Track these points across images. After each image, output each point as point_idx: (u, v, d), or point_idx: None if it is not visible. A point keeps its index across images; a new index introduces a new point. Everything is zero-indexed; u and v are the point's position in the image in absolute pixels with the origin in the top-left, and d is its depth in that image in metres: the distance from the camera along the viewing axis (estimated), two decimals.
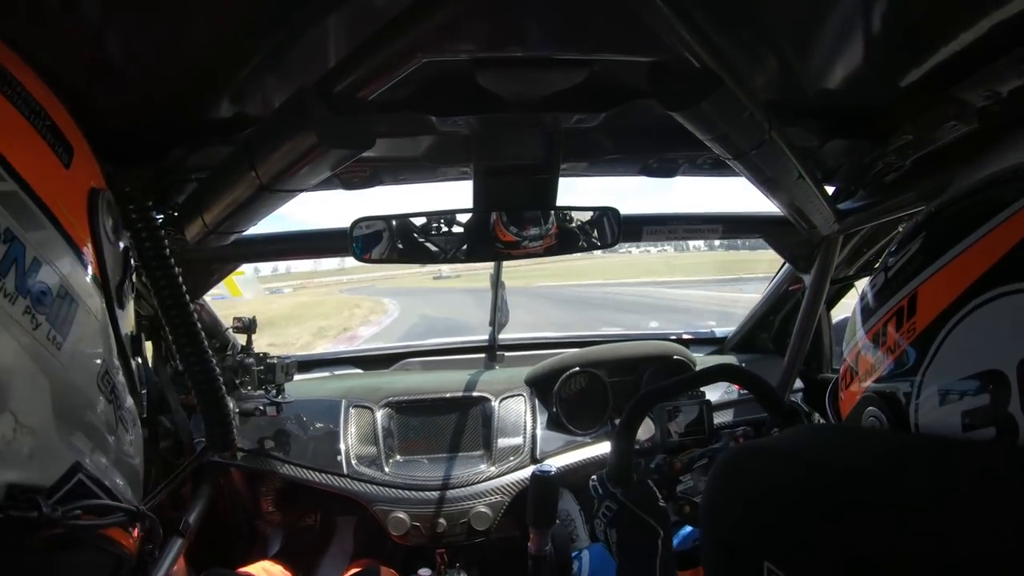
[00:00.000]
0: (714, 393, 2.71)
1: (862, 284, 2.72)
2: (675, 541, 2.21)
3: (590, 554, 2.09)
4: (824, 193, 1.89)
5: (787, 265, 2.81)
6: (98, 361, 0.76)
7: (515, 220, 1.94)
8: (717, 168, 2.05)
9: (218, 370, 1.10)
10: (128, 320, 0.88)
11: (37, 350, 0.65)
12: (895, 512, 0.60)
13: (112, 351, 0.81)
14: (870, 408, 0.88)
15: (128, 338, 0.87)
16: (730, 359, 3.18)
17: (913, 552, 0.57)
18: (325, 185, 1.92)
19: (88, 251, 0.77)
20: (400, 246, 1.95)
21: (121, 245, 0.89)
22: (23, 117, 0.73)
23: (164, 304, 1.06)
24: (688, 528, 1.91)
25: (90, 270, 0.77)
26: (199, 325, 1.07)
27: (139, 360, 0.92)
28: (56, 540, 0.71)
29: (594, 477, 1.52)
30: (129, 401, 0.85)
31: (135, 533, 0.89)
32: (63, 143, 0.79)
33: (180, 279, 1.08)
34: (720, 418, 2.74)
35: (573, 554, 2.05)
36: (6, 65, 0.74)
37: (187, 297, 1.08)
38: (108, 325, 0.80)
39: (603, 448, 2.56)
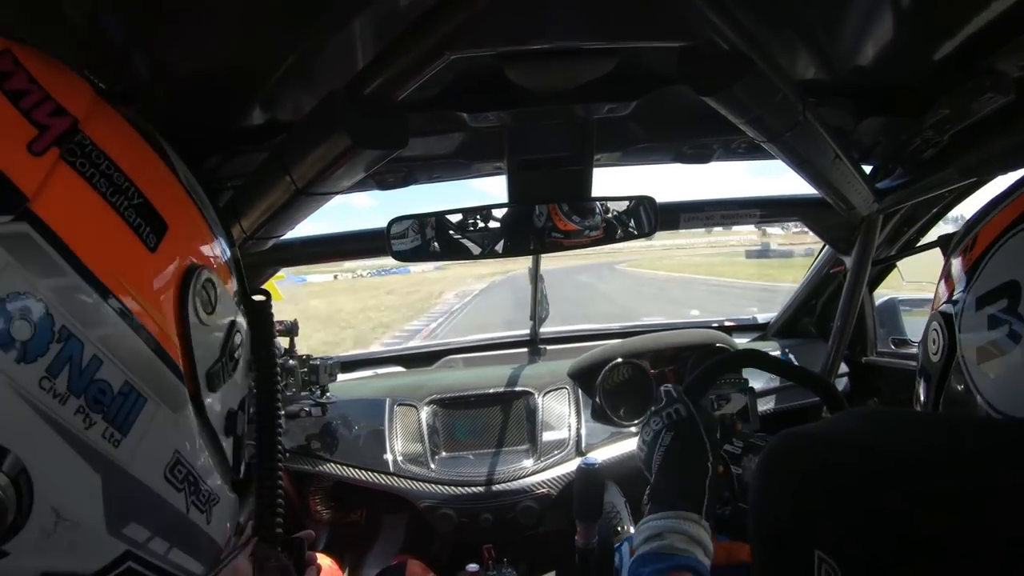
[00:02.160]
0: (757, 381, 2.68)
1: (904, 265, 2.69)
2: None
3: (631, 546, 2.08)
4: (862, 172, 1.86)
5: (827, 247, 2.78)
6: (168, 452, 0.72)
7: (576, 209, 1.94)
8: (752, 152, 2.02)
9: (281, 466, 1.05)
10: (224, 399, 0.82)
11: (88, 449, 0.61)
12: (949, 498, 0.59)
13: (191, 438, 0.76)
14: (933, 325, 1.06)
15: (221, 418, 0.82)
16: (772, 345, 3.15)
17: (969, 538, 0.56)
18: (360, 186, 1.93)
19: (169, 341, 0.71)
20: (437, 244, 1.95)
21: (222, 323, 0.82)
22: (99, 196, 0.66)
23: (259, 392, 1.00)
24: None
25: (169, 362, 0.71)
26: (282, 425, 1.03)
27: (236, 435, 0.88)
28: None
29: (668, 385, 1.49)
30: (213, 480, 0.80)
31: None
32: (153, 221, 0.71)
33: (278, 377, 1.04)
34: (763, 406, 2.71)
35: (615, 546, 2.04)
36: (92, 134, 0.68)
37: (279, 396, 1.04)
38: (189, 413, 0.75)
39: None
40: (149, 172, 0.75)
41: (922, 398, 1.13)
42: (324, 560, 2.24)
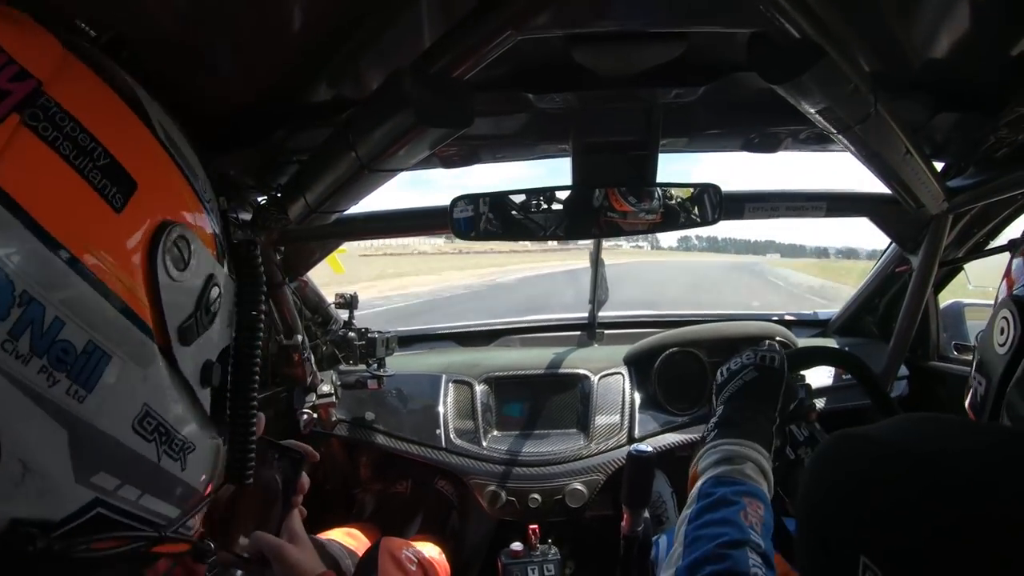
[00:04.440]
0: (814, 379, 2.64)
1: (971, 268, 2.62)
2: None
3: (667, 540, 2.08)
4: (933, 169, 1.81)
5: (893, 246, 2.72)
6: (137, 405, 0.72)
7: (633, 191, 1.93)
8: (821, 143, 1.99)
9: (254, 411, 1.04)
10: (199, 352, 0.82)
11: (52, 406, 0.62)
12: (1003, 513, 0.58)
13: (162, 391, 0.75)
14: (1002, 313, 1.04)
15: (196, 369, 0.81)
16: (832, 343, 3.09)
17: (1019, 563, 0.55)
18: (424, 164, 1.95)
19: (135, 299, 0.70)
20: (499, 223, 1.96)
21: (196, 279, 0.80)
22: (61, 159, 0.65)
23: (236, 344, 0.96)
24: None
25: (136, 318, 0.70)
26: (257, 375, 1.02)
27: (213, 385, 0.86)
28: (62, 572, 0.69)
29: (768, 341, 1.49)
30: (188, 429, 0.81)
31: (168, 549, 0.85)
32: (120, 180, 0.70)
33: (261, 324, 1.02)
34: (819, 405, 2.67)
35: (654, 538, 2.04)
36: (57, 94, 0.66)
37: (258, 347, 1.02)
38: (159, 367, 0.75)
39: (699, 432, 2.49)
40: (119, 130, 0.74)
41: (980, 394, 1.10)
42: (358, 532, 2.28)
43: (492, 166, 2.19)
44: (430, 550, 2.21)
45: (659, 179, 1.91)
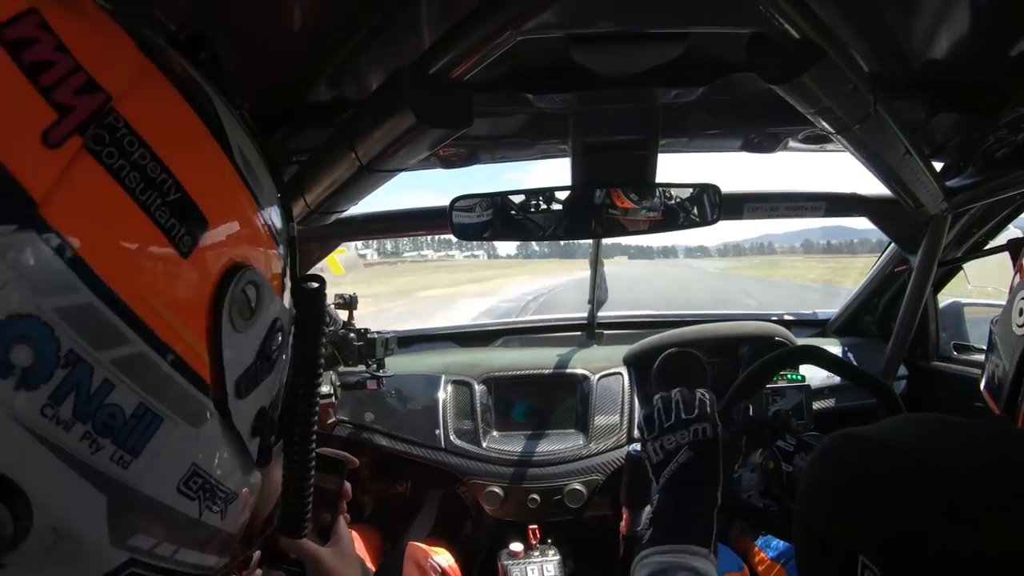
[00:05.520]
0: (815, 378, 2.64)
1: (970, 267, 2.62)
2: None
3: None
4: (932, 169, 1.81)
5: (892, 245, 2.72)
6: (185, 467, 0.64)
7: (635, 189, 1.93)
8: (820, 143, 1.99)
9: (313, 467, 0.94)
10: (254, 401, 0.73)
11: (93, 473, 0.54)
12: (1005, 515, 0.57)
13: (212, 448, 0.68)
14: (1021, 293, 1.06)
15: (249, 420, 0.73)
16: (831, 343, 3.09)
17: (1015, 564, 0.55)
18: (424, 164, 1.95)
19: (195, 356, 0.62)
20: (499, 223, 1.97)
21: (261, 327, 0.71)
22: (127, 193, 0.55)
23: (294, 390, 0.86)
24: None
25: (193, 378, 0.62)
26: (316, 421, 0.93)
27: (263, 435, 0.78)
28: None
29: (704, 393, 1.45)
30: (232, 481, 0.73)
31: None
32: (190, 219, 0.60)
33: (322, 366, 0.92)
34: (821, 404, 2.68)
35: None
36: (127, 112, 0.55)
37: (319, 393, 0.92)
38: (213, 424, 0.67)
39: None
40: (194, 157, 0.64)
41: (998, 376, 1.11)
42: (355, 534, 2.29)
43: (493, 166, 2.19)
44: (447, 559, 2.21)
45: (658, 180, 1.92)
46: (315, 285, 0.86)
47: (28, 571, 0.52)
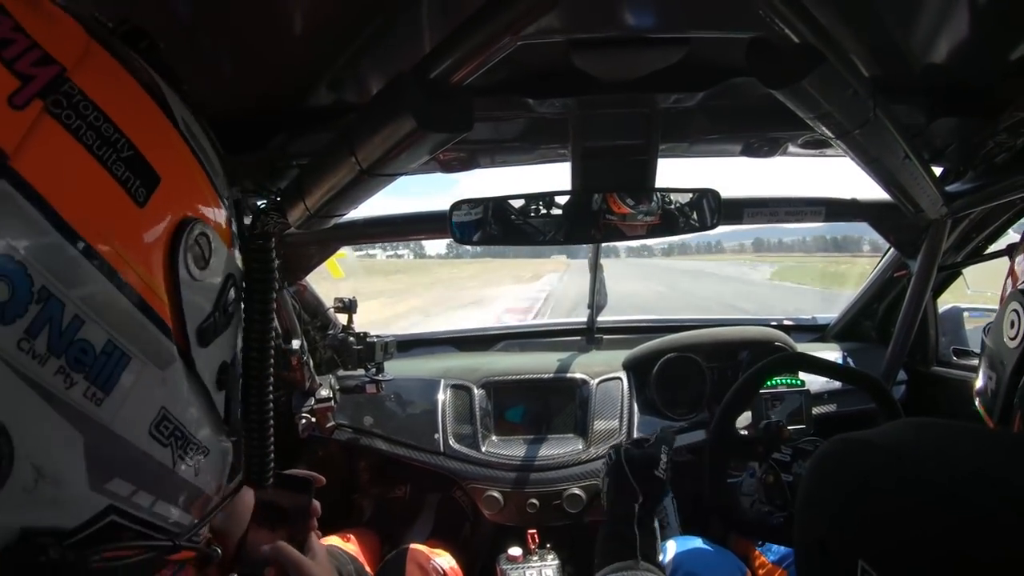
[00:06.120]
0: (815, 383, 2.64)
1: (969, 272, 2.62)
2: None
3: (676, 544, 2.08)
4: (932, 174, 1.81)
5: (892, 250, 2.72)
6: (154, 409, 0.69)
7: (632, 194, 1.93)
8: (820, 148, 2.00)
9: (270, 411, 1.01)
10: (216, 353, 0.78)
11: (69, 409, 0.59)
12: (1004, 520, 0.57)
13: (179, 394, 0.73)
14: (1011, 306, 1.05)
15: (213, 372, 0.78)
16: (831, 348, 3.09)
17: (1013, 567, 0.55)
18: (424, 169, 1.96)
19: (156, 298, 0.67)
20: (499, 228, 1.97)
21: (216, 278, 0.78)
22: (85, 149, 0.62)
23: (247, 344, 0.94)
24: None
25: (155, 319, 0.67)
26: (271, 375, 0.99)
27: (228, 387, 0.83)
28: None
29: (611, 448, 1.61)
30: (202, 433, 0.77)
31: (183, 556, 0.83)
32: (144, 173, 0.66)
33: (273, 320, 1.00)
34: (821, 409, 2.67)
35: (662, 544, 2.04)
36: (81, 82, 0.63)
37: (272, 343, 1.00)
38: (178, 369, 0.72)
39: (698, 436, 2.49)
40: (143, 121, 0.70)
41: (991, 388, 1.11)
42: (352, 537, 2.29)
43: (494, 171, 2.19)
44: (448, 561, 2.21)
45: (658, 184, 1.92)
46: (260, 242, 0.95)
47: (11, 514, 0.56)
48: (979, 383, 1.18)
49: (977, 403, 1.19)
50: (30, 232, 0.56)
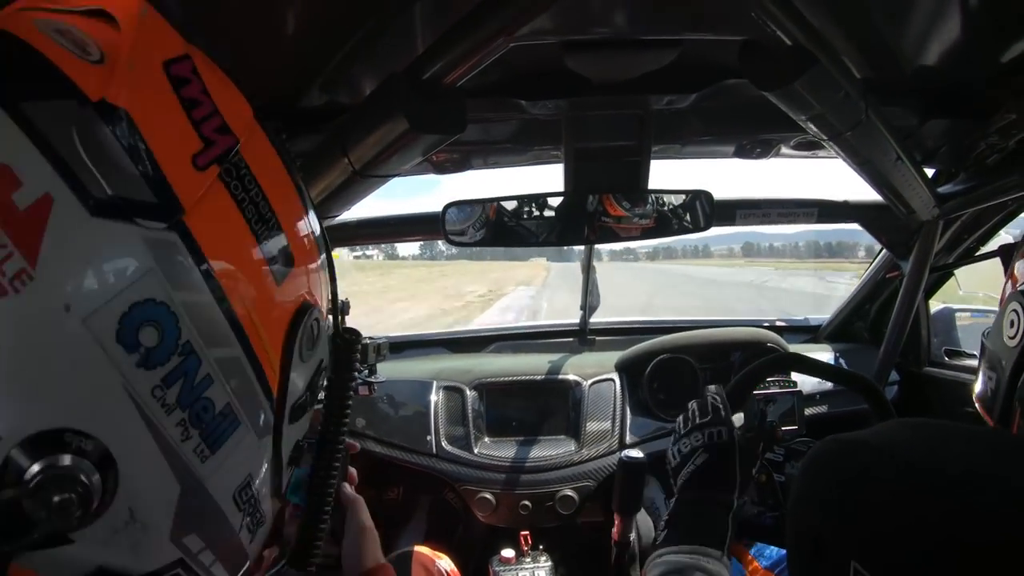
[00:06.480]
0: (808, 384, 2.64)
1: (961, 273, 2.63)
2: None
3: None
4: (924, 176, 1.82)
5: (884, 251, 2.73)
6: (242, 475, 0.72)
7: (627, 196, 1.93)
8: (812, 149, 2.00)
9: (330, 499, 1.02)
10: (298, 430, 0.82)
11: (178, 460, 0.62)
12: (998, 519, 0.57)
13: (263, 465, 0.76)
14: (1011, 306, 1.05)
15: (290, 448, 0.82)
16: (823, 349, 3.10)
17: (1006, 565, 0.55)
18: (417, 170, 1.95)
19: (272, 373, 0.71)
20: (492, 230, 1.97)
21: (313, 361, 0.81)
22: (245, 221, 0.67)
23: (326, 430, 0.98)
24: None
25: (267, 391, 0.71)
26: (341, 456, 1.01)
27: (297, 465, 0.87)
28: None
29: (715, 392, 1.44)
30: (267, 505, 0.80)
31: None
32: (285, 254, 0.72)
33: (349, 409, 1.00)
34: (813, 410, 2.67)
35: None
36: (248, 157, 0.68)
37: (345, 431, 1.00)
38: (269, 440, 0.75)
39: None
40: (289, 204, 0.76)
41: (991, 388, 1.11)
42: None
43: (487, 172, 2.19)
44: (449, 564, 2.22)
45: (651, 186, 1.91)
46: (352, 337, 0.98)
47: (91, 552, 0.58)
48: (978, 387, 1.18)
49: (977, 403, 1.19)
50: (188, 288, 0.60)
